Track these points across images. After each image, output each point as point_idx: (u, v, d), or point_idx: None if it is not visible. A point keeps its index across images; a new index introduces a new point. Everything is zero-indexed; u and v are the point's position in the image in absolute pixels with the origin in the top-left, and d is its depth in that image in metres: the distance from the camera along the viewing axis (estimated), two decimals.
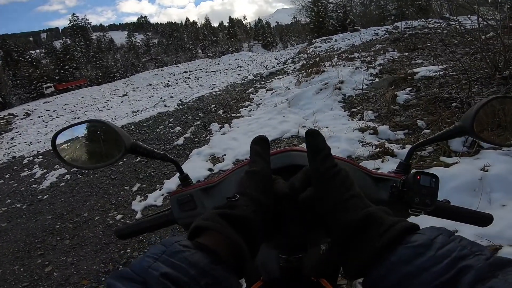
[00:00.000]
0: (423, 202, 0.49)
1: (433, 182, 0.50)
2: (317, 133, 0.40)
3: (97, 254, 2.48)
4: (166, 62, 44.29)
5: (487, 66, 2.87)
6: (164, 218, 0.58)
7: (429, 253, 0.25)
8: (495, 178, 1.92)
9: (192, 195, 0.55)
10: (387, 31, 9.74)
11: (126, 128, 6.16)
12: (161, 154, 0.57)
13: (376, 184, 0.55)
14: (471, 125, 0.50)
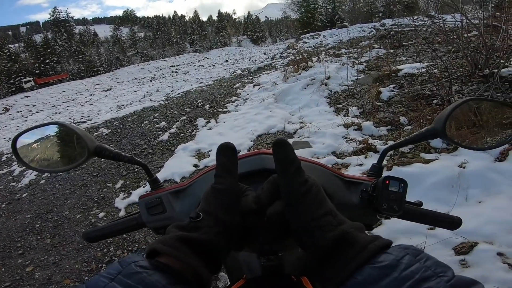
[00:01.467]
0: (391, 208, 0.49)
1: (401, 187, 0.49)
2: (285, 143, 0.37)
3: (79, 253, 2.43)
4: (152, 56, 43.26)
5: (468, 64, 2.93)
6: (133, 222, 0.57)
7: (394, 274, 0.25)
8: (472, 175, 1.98)
9: (161, 199, 0.54)
10: (374, 28, 9.83)
11: (110, 123, 5.99)
12: (128, 157, 0.56)
13: (348, 187, 0.54)
14: (443, 128, 0.50)
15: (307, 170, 0.52)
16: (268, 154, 0.52)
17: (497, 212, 1.72)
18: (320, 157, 2.78)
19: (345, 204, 0.52)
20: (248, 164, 0.52)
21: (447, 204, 1.90)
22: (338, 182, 0.54)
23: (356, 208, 0.52)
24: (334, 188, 0.52)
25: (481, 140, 0.63)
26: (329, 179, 0.53)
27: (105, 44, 51.88)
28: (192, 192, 0.53)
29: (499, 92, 2.54)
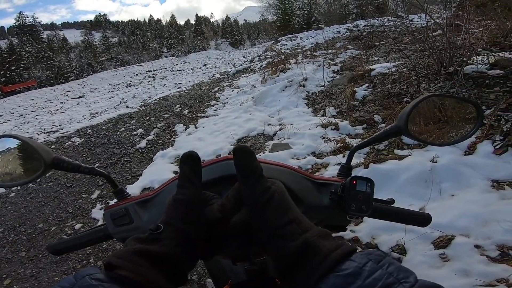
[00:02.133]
0: (359, 208, 0.48)
1: (368, 186, 0.49)
2: (245, 150, 0.36)
3: (57, 265, 2.35)
4: (128, 61, 41.96)
5: (434, 62, 3.09)
6: (100, 233, 0.56)
7: (358, 282, 0.25)
8: (443, 169, 2.07)
9: (127, 209, 0.53)
10: (348, 29, 10.12)
11: (82, 132, 5.72)
12: (89, 168, 0.54)
13: (318, 189, 0.54)
14: (405, 125, 0.50)
15: (276, 174, 0.51)
16: None
17: (470, 205, 1.81)
18: (300, 158, 2.81)
19: (315, 206, 0.52)
20: (215, 171, 0.51)
21: (422, 199, 1.97)
22: (308, 185, 0.53)
23: (327, 209, 0.52)
24: (304, 190, 0.52)
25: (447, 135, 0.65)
26: (299, 182, 0.52)
27: (76, 50, 49.67)
28: (160, 201, 0.52)
29: (463, 89, 2.69)
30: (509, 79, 2.59)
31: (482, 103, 2.48)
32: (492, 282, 1.37)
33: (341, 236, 1.88)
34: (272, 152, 2.98)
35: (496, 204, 1.77)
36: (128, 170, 3.73)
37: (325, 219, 0.55)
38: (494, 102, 2.44)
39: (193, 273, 1.96)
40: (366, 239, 1.81)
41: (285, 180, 0.50)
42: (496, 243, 1.55)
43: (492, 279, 1.38)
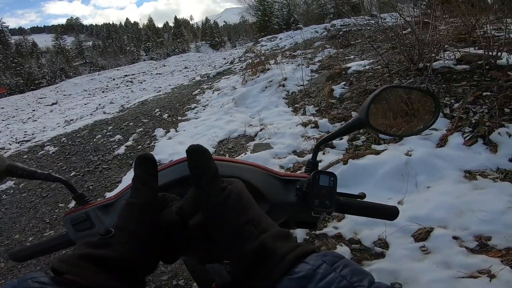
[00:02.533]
0: (323, 204, 0.48)
1: (331, 181, 0.49)
2: (198, 150, 0.34)
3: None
4: (103, 65, 40.49)
5: (405, 59, 3.21)
6: (61, 240, 0.56)
7: (311, 286, 0.25)
8: (418, 162, 2.12)
9: (88, 214, 0.52)
10: (326, 29, 10.32)
11: (57, 140, 5.47)
12: (45, 174, 0.54)
13: (285, 186, 0.53)
14: (366, 117, 0.51)
15: (239, 172, 0.50)
16: None
17: (445, 197, 1.85)
18: (281, 157, 2.81)
19: (282, 203, 0.51)
20: (176, 172, 0.49)
21: (400, 192, 2.01)
22: (273, 182, 0.52)
23: (293, 206, 0.51)
24: (270, 188, 0.51)
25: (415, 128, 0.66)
26: (263, 179, 0.51)
27: (47, 55, 47.33)
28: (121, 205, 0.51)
29: (433, 84, 2.81)
30: (475, 73, 2.73)
31: (451, 97, 2.60)
32: (474, 273, 1.38)
33: (325, 233, 1.90)
34: (253, 152, 2.97)
35: (469, 194, 1.83)
36: (107, 178, 3.62)
37: (294, 216, 0.55)
38: (462, 96, 2.57)
39: (180, 278, 1.91)
40: (349, 235, 1.83)
41: (249, 178, 0.50)
42: (473, 234, 1.59)
43: (474, 270, 1.39)
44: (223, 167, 0.50)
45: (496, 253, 1.46)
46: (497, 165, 1.99)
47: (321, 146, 0.58)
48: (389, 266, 1.54)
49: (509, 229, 1.55)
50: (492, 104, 2.33)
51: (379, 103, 0.68)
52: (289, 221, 0.56)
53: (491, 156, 2.05)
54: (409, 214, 1.79)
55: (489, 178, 1.91)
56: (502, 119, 2.21)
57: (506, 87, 2.42)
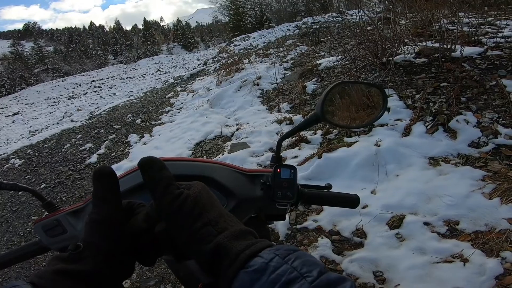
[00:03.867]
0: (285, 195, 0.50)
1: (292, 173, 0.51)
2: (149, 162, 0.35)
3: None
4: (67, 71, 38.13)
5: (369, 54, 3.37)
6: (35, 247, 0.56)
7: (264, 278, 0.26)
8: (386, 151, 2.22)
9: (59, 220, 0.53)
10: (297, 27, 10.46)
11: (22, 153, 5.13)
12: (11, 184, 0.54)
13: (251, 181, 0.55)
14: (321, 112, 0.54)
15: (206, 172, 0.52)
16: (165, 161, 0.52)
17: (413, 183, 1.94)
18: (258, 155, 2.85)
19: (249, 198, 0.53)
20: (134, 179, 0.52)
21: (372, 182, 2.08)
22: (240, 178, 0.54)
23: (260, 200, 0.53)
24: (237, 184, 0.53)
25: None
26: (231, 176, 0.53)
27: (4, 62, 43.67)
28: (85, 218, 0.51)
29: (396, 77, 2.98)
30: (433, 66, 2.93)
31: (412, 89, 2.78)
32: (448, 258, 1.45)
33: (305, 227, 1.95)
34: (231, 152, 2.98)
35: (435, 180, 1.92)
36: (80, 188, 3.48)
37: (262, 209, 0.57)
38: (422, 87, 2.75)
39: (167, 282, 1.88)
40: (329, 227, 1.87)
41: (216, 175, 0.52)
42: (442, 219, 1.66)
43: (447, 255, 1.46)
44: (189, 168, 0.52)
45: (466, 237, 1.54)
46: (458, 151, 2.12)
47: (283, 141, 0.60)
48: (369, 255, 1.60)
49: (474, 212, 1.64)
50: (449, 94, 2.52)
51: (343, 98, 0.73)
52: (260, 214, 0.58)
53: (452, 143, 2.19)
54: (382, 202, 1.87)
55: (451, 164, 2.03)
56: (459, 107, 2.39)
57: (461, 77, 2.63)
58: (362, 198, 0.63)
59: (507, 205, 1.62)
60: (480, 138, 2.13)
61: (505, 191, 1.68)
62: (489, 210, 1.63)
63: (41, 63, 44.47)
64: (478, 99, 2.41)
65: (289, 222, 2.01)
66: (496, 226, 1.54)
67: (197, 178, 0.50)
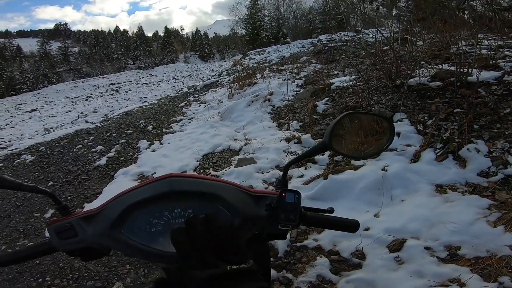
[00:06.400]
0: (288, 218, 0.54)
1: (296, 198, 0.55)
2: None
3: (10, 283, 2.17)
4: (88, 73, 39.69)
5: (383, 76, 3.35)
6: (44, 247, 0.58)
7: None
8: (393, 176, 2.20)
9: (72, 224, 0.55)
10: (313, 44, 10.60)
11: (34, 149, 5.27)
12: (31, 186, 0.56)
13: (256, 201, 0.58)
14: (329, 141, 0.56)
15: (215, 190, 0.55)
16: (177, 177, 0.55)
17: (418, 209, 1.93)
18: (264, 171, 2.84)
19: (253, 217, 0.56)
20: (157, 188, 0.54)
21: (376, 206, 2.08)
22: (246, 198, 0.57)
23: (263, 220, 0.57)
24: (243, 203, 0.56)
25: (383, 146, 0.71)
26: (237, 195, 0.56)
27: (31, 59, 45.89)
28: (104, 216, 0.54)
29: (409, 101, 2.95)
30: (447, 90, 2.88)
31: (425, 114, 2.74)
32: (445, 282, 1.45)
33: (305, 245, 1.93)
34: (237, 167, 2.99)
35: (441, 207, 1.92)
36: (87, 189, 3.53)
37: (265, 228, 0.60)
38: (435, 112, 2.70)
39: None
40: (329, 247, 1.87)
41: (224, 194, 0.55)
42: (444, 244, 1.66)
43: (445, 279, 1.46)
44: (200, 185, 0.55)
45: (465, 262, 1.54)
46: (466, 179, 2.11)
47: (290, 166, 0.64)
48: (367, 276, 1.60)
49: (477, 239, 1.64)
50: (462, 121, 2.47)
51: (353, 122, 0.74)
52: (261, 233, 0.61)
53: (461, 171, 2.17)
54: (385, 226, 1.86)
55: (458, 192, 2.02)
56: (471, 135, 2.34)
57: (476, 104, 2.57)
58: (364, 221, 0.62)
59: (511, 233, 1.61)
60: (490, 168, 2.11)
61: (511, 219, 1.66)
62: (492, 237, 1.62)
63: (65, 63, 46.45)
64: (491, 127, 2.37)
65: (290, 239, 2.00)
66: (497, 253, 1.53)
67: (207, 195, 0.54)
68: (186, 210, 0.54)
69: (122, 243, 0.52)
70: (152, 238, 0.52)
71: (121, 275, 2.06)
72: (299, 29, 23.94)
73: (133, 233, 0.52)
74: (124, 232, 0.52)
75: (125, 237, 0.52)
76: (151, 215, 0.53)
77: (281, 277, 1.73)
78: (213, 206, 0.54)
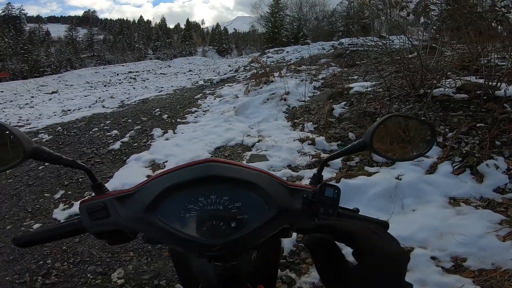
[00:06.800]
0: (327, 212, 0.54)
1: (335, 193, 0.55)
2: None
3: (9, 265, 2.18)
4: (110, 60, 40.72)
5: (406, 84, 3.25)
6: (72, 227, 0.55)
7: None
8: (407, 186, 2.17)
9: (105, 203, 0.53)
10: (333, 47, 10.47)
11: (52, 129, 5.43)
12: (70, 160, 0.54)
13: (292, 194, 0.57)
14: (370, 141, 0.55)
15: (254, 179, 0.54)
16: (217, 162, 0.54)
17: (428, 219, 1.91)
18: (276, 169, 2.82)
19: (289, 210, 0.56)
20: (196, 171, 0.53)
21: (387, 213, 2.05)
22: (283, 190, 0.57)
23: (298, 213, 0.56)
24: (280, 194, 0.55)
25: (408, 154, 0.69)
26: (274, 186, 0.56)
27: (57, 44, 47.52)
28: (139, 197, 0.52)
29: (431, 111, 2.86)
30: (472, 103, 2.77)
31: (446, 126, 2.65)
32: None
33: None
34: (249, 162, 2.98)
35: (452, 219, 1.90)
36: (99, 171, 3.58)
37: (297, 222, 0.59)
38: (456, 125, 2.61)
39: (162, 278, 1.89)
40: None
41: (261, 183, 0.54)
42: (450, 255, 1.65)
43: None
44: (239, 172, 0.54)
45: (470, 273, 1.53)
46: (481, 194, 2.07)
47: (327, 162, 0.63)
48: None
49: (484, 252, 1.61)
50: (484, 136, 2.38)
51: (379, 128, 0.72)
52: (292, 226, 0.61)
53: (476, 186, 2.13)
54: (394, 233, 1.79)
55: (471, 205, 1.99)
56: (492, 151, 2.26)
57: (500, 119, 2.46)
58: None
59: None
60: (507, 185, 2.07)
61: None
62: (500, 251, 1.60)
63: (89, 49, 47.84)
64: None
65: (296, 239, 1.98)
66: (502, 266, 1.52)
67: (244, 182, 0.53)
68: (222, 197, 0.52)
69: (155, 227, 0.50)
70: (185, 224, 0.51)
71: (123, 261, 2.07)
72: (320, 30, 23.67)
73: (167, 218, 0.51)
74: (159, 215, 0.50)
75: (159, 221, 0.50)
76: (186, 200, 0.52)
77: (284, 276, 1.72)
78: (250, 195, 0.53)
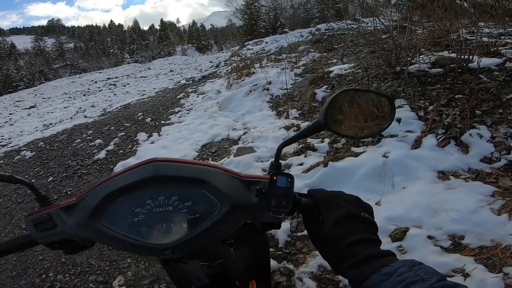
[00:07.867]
0: (280, 204, 0.49)
1: (288, 182, 0.50)
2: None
3: (14, 280, 2.19)
4: (85, 68, 39.34)
5: (383, 63, 3.30)
6: (24, 239, 0.56)
7: (391, 279, 0.36)
8: (394, 163, 2.16)
9: (51, 215, 0.53)
10: (311, 33, 10.40)
11: (34, 145, 5.27)
12: (7, 175, 0.54)
13: (247, 187, 0.53)
14: (324, 120, 0.52)
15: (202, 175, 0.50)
16: (162, 161, 0.52)
17: (419, 196, 1.88)
18: (264, 160, 2.82)
19: (244, 204, 0.51)
20: (138, 173, 0.50)
21: (378, 193, 2.03)
22: (236, 183, 0.53)
23: (255, 207, 0.52)
24: (232, 189, 0.51)
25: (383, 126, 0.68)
26: (225, 180, 0.52)
27: (26, 56, 45.36)
28: (83, 205, 0.51)
29: (409, 87, 2.91)
30: (448, 76, 2.83)
31: (425, 100, 2.70)
32: (449, 272, 1.41)
33: (306, 234, 1.90)
34: (236, 156, 2.96)
35: (443, 194, 1.87)
36: (86, 183, 3.53)
37: (258, 217, 0.55)
38: (436, 99, 2.66)
39: (162, 281, 1.88)
40: None
41: (210, 179, 0.50)
42: (447, 233, 1.62)
43: (448, 269, 1.42)
44: (186, 170, 0.51)
45: (470, 252, 1.49)
46: (469, 165, 2.05)
47: (283, 148, 0.58)
48: None
49: (481, 228, 1.59)
50: (463, 106, 2.43)
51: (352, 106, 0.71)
52: (254, 221, 0.57)
53: (463, 157, 2.11)
54: (386, 214, 1.82)
55: (461, 178, 1.96)
56: (473, 120, 2.30)
57: (477, 89, 2.53)
58: None
59: None
60: (493, 154, 2.05)
61: None
62: (496, 226, 1.58)
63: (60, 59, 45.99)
64: (493, 112, 2.32)
65: (290, 229, 1.98)
66: (502, 242, 1.49)
67: (192, 180, 0.50)
68: (170, 197, 0.50)
69: (103, 234, 0.49)
70: (134, 229, 0.48)
71: (122, 269, 2.06)
72: (296, 18, 23.53)
73: (114, 224, 0.49)
74: (104, 222, 0.49)
75: (105, 228, 0.48)
76: (133, 204, 0.49)
77: (282, 268, 1.71)
78: (199, 192, 0.50)
